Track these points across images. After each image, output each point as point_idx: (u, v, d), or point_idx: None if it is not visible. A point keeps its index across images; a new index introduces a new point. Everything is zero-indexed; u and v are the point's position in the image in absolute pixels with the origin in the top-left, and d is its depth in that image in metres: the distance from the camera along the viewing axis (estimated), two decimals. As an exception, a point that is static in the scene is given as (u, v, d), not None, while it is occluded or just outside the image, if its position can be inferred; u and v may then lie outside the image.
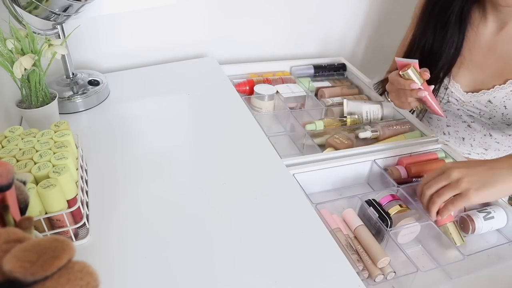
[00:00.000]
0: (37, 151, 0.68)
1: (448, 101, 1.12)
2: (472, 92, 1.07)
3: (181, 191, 0.82)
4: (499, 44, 1.02)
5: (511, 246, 0.83)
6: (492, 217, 0.84)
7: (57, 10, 0.90)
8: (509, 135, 1.12)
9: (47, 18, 0.93)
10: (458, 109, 1.12)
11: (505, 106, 1.03)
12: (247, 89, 1.23)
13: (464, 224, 0.85)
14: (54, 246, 0.34)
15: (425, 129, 1.09)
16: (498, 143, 1.14)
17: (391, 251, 0.79)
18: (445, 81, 1.09)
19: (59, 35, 0.99)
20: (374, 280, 0.74)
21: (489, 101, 1.05)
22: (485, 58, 1.05)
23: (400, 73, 0.92)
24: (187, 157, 0.92)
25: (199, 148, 0.94)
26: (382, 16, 1.57)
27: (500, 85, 1.02)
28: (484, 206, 0.88)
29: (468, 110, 1.10)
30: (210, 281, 0.65)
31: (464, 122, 1.15)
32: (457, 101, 1.10)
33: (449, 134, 1.21)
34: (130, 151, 0.91)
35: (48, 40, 0.88)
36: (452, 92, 1.10)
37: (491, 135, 1.13)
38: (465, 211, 0.87)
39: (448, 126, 1.20)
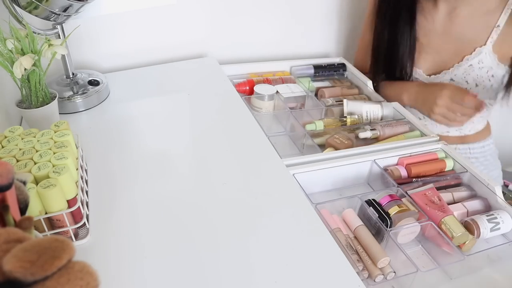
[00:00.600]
0: (37, 151, 0.68)
1: None
2: (435, 74, 1.19)
3: (181, 191, 0.82)
4: (452, 27, 1.13)
5: (511, 246, 0.83)
6: (498, 223, 0.83)
7: (57, 10, 0.90)
8: None
9: (47, 18, 0.93)
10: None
11: (466, 81, 1.15)
12: (247, 89, 1.24)
13: (469, 228, 0.83)
14: (54, 246, 0.34)
15: (425, 129, 1.09)
16: None
17: (391, 251, 0.79)
18: (408, 69, 1.20)
19: (59, 35, 0.99)
20: (374, 280, 0.74)
21: (451, 79, 1.16)
22: (442, 41, 1.15)
23: None
24: (187, 157, 0.92)
25: (199, 148, 0.94)
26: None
27: (458, 63, 1.14)
28: (489, 211, 0.88)
29: None
30: (210, 281, 0.65)
31: None
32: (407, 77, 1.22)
33: (424, 117, 1.27)
34: (130, 151, 0.91)
35: (48, 40, 0.88)
36: (416, 78, 1.21)
37: None
38: (468, 216, 0.87)
39: None
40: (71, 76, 1.07)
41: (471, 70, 1.13)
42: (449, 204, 0.88)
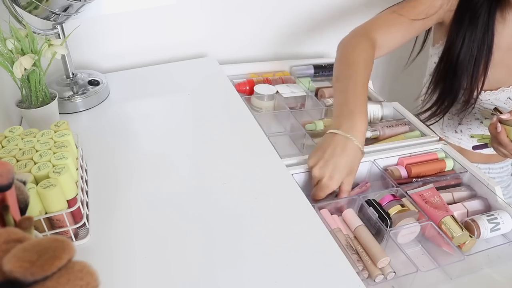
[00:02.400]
0: (37, 151, 0.68)
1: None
2: (491, 90, 1.10)
3: (181, 190, 0.82)
4: None
5: (511, 246, 0.83)
6: (498, 223, 0.83)
7: (57, 10, 0.90)
8: None
9: (47, 18, 0.93)
10: (473, 107, 1.14)
11: None
12: (247, 89, 1.23)
13: (469, 228, 0.83)
14: (54, 246, 0.34)
15: (425, 129, 1.09)
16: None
17: (391, 251, 0.79)
18: (480, 84, 1.09)
19: (59, 35, 0.99)
20: (374, 280, 0.74)
21: (509, 98, 1.09)
22: (504, 58, 1.07)
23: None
24: (187, 156, 0.92)
25: (199, 147, 0.94)
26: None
27: None
28: (489, 211, 0.88)
29: (484, 108, 1.13)
30: (210, 281, 0.65)
31: (477, 119, 1.17)
32: (474, 99, 1.11)
33: (461, 132, 1.22)
34: (130, 151, 0.91)
35: (48, 40, 0.88)
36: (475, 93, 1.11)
37: None
38: (468, 216, 0.87)
39: (460, 124, 1.21)
40: (71, 76, 1.07)
41: None
42: (449, 204, 0.88)
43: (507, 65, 1.07)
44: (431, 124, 1.21)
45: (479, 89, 1.09)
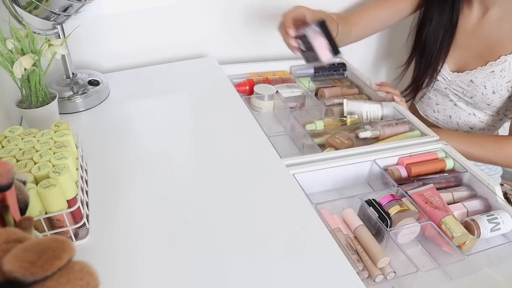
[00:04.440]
0: (37, 151, 0.68)
1: (437, 79, 1.24)
2: (458, 72, 1.19)
3: (181, 191, 0.82)
4: (482, 28, 1.13)
5: (511, 246, 0.83)
6: (498, 223, 0.83)
7: (57, 10, 0.90)
8: (491, 115, 1.22)
9: (47, 18, 0.93)
10: (445, 88, 1.24)
11: (484, 86, 1.14)
12: (247, 89, 1.23)
13: (469, 228, 0.83)
14: (54, 246, 0.34)
15: (425, 129, 1.09)
16: (482, 122, 1.24)
17: (391, 251, 0.79)
18: (440, 62, 1.21)
19: (59, 35, 0.99)
20: (374, 280, 0.74)
21: (471, 81, 1.16)
22: (469, 41, 1.16)
23: None
24: (188, 157, 0.92)
25: (199, 148, 0.94)
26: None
27: (481, 66, 1.14)
28: (489, 211, 0.88)
29: (453, 89, 1.21)
30: (210, 281, 0.65)
31: (451, 101, 1.25)
32: (444, 80, 1.23)
33: (438, 112, 1.31)
34: (130, 151, 0.91)
35: (48, 40, 0.88)
36: (441, 72, 1.22)
37: (475, 115, 1.23)
38: (468, 216, 0.87)
39: (437, 104, 1.30)
40: (71, 76, 1.07)
41: (492, 76, 1.13)
42: (449, 204, 0.88)
43: (472, 48, 1.15)
44: (408, 100, 1.33)
45: (440, 67, 1.21)
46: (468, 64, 1.17)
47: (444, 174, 0.97)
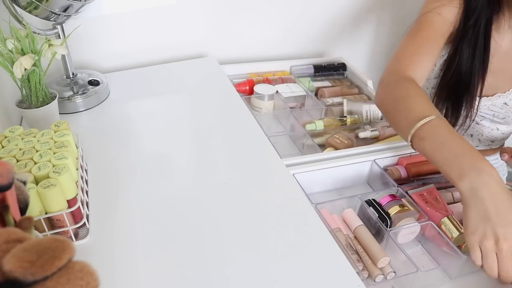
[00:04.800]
0: (37, 151, 0.68)
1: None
2: (487, 96, 1.10)
3: (181, 191, 0.82)
4: None
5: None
6: None
7: (57, 10, 0.90)
8: None
9: (47, 18, 0.93)
10: (472, 120, 1.14)
11: None
12: (247, 89, 1.23)
13: None
14: (54, 246, 0.34)
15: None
16: (503, 133, 1.19)
17: (391, 251, 0.79)
18: (478, 91, 1.08)
19: (59, 35, 0.99)
20: (374, 280, 0.74)
21: (505, 104, 1.10)
22: (501, 64, 1.06)
23: None
24: (187, 157, 0.92)
25: (199, 148, 0.94)
26: (381, 15, 1.57)
27: None
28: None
29: (480, 112, 1.13)
30: (210, 281, 0.65)
31: (473, 120, 1.16)
32: (475, 112, 1.11)
33: (458, 132, 1.19)
34: (130, 151, 0.91)
35: (48, 40, 0.88)
36: (478, 101, 1.10)
37: (498, 129, 1.17)
38: None
39: (456, 125, 1.18)
40: (71, 76, 1.07)
41: None
42: (449, 204, 0.88)
43: (504, 71, 1.07)
44: None
45: (479, 98, 1.09)
46: (499, 87, 1.10)
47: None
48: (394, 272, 0.75)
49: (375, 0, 1.52)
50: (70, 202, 0.66)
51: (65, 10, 0.92)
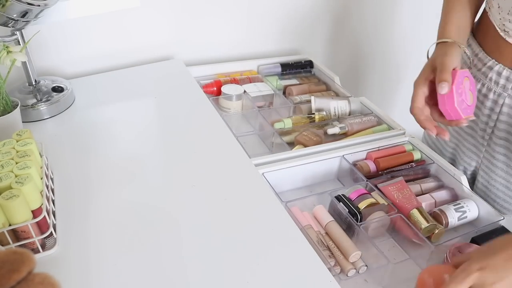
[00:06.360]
0: (-2, 162, 0.66)
1: None
2: None
3: (149, 195, 0.81)
4: None
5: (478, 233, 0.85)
6: (465, 211, 0.85)
7: (14, 15, 0.88)
8: None
9: (4, 24, 0.91)
10: None
11: None
12: (214, 89, 1.23)
13: (437, 218, 0.85)
14: (13, 259, 0.34)
15: (392, 123, 1.11)
16: None
17: (363, 245, 0.80)
18: None
19: (18, 41, 0.97)
20: (347, 275, 0.75)
21: None
22: None
23: None
24: (156, 161, 0.91)
25: (168, 151, 0.94)
26: (347, 11, 1.59)
27: None
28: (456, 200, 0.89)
29: None
30: (182, 283, 0.64)
31: None
32: None
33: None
34: (97, 157, 0.90)
35: (7, 47, 0.86)
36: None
37: None
38: (436, 206, 0.88)
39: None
40: (33, 83, 1.05)
41: None
42: (417, 195, 0.89)
43: None
44: None
45: None
46: None
47: (412, 166, 0.99)
48: (366, 265, 0.76)
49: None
50: (35, 212, 0.65)
51: (23, 16, 0.89)
